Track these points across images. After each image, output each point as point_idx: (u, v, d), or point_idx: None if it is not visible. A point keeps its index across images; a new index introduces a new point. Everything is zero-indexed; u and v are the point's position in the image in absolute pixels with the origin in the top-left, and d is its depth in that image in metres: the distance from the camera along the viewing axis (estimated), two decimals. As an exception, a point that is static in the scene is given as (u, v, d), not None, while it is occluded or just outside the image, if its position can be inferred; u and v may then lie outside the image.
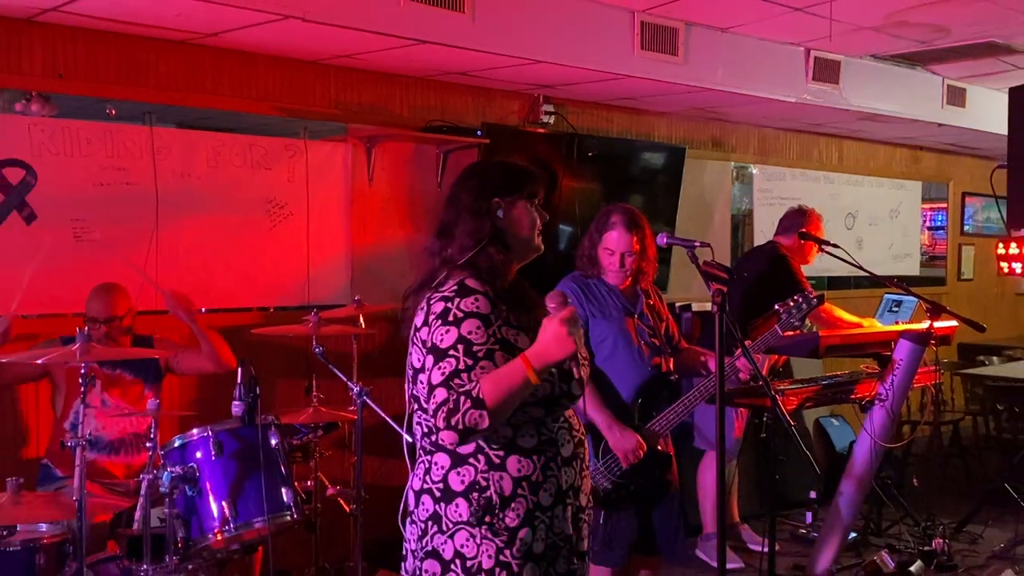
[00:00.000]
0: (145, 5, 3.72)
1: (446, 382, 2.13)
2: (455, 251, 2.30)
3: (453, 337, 2.16)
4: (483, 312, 2.20)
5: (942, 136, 7.53)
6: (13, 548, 3.04)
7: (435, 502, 2.24)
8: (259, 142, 4.74)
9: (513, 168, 2.44)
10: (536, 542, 2.22)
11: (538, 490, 2.23)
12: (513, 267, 2.36)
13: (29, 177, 4.07)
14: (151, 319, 4.24)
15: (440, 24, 4.22)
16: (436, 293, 2.24)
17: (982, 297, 8.93)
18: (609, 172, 5.76)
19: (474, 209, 2.32)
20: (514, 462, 2.22)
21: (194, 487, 3.27)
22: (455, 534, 2.22)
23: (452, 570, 2.22)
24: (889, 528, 5.38)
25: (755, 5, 4.77)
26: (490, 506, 2.20)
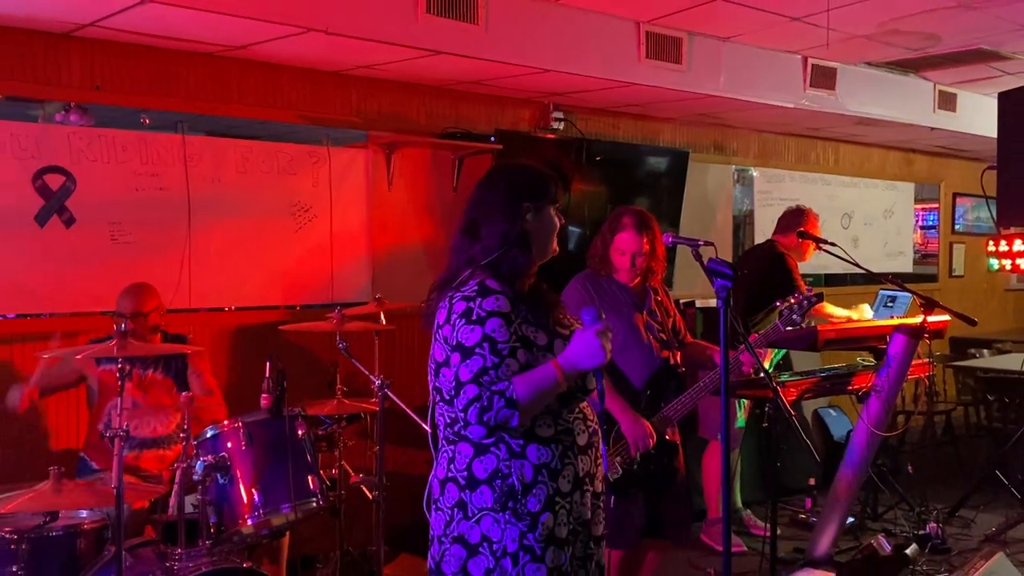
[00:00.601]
0: (177, 20, 3.73)
1: (476, 379, 2.14)
2: (479, 251, 2.30)
3: (478, 336, 2.17)
4: (504, 311, 2.20)
5: (934, 139, 7.50)
6: (56, 533, 3.05)
7: (460, 490, 2.24)
8: (284, 149, 4.75)
9: (540, 173, 2.41)
10: (558, 526, 2.23)
11: (557, 477, 2.24)
12: (533, 269, 2.35)
13: (68, 183, 4.09)
14: (183, 317, 4.26)
15: (455, 36, 4.23)
16: (458, 293, 2.24)
17: (972, 293, 8.88)
18: (616, 175, 5.75)
19: (505, 212, 2.31)
20: (533, 450, 2.22)
21: (225, 475, 3.27)
22: (481, 519, 2.22)
23: (479, 553, 2.22)
24: (885, 513, 5.37)
25: (755, 15, 4.75)
26: (513, 492, 2.20)
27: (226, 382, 4.41)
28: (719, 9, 4.62)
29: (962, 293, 8.62)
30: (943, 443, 6.70)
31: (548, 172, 2.43)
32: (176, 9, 3.54)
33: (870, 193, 7.98)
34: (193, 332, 4.16)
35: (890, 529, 5.06)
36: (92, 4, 3.51)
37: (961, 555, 4.68)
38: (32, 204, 4.01)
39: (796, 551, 4.74)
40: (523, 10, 4.43)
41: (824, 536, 4.57)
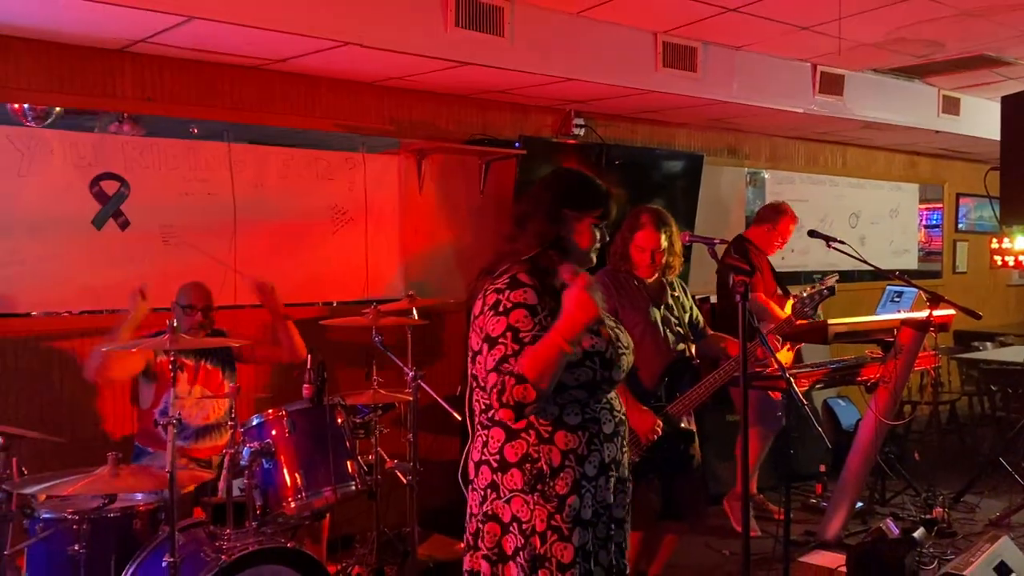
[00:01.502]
0: (222, 35, 3.75)
1: (497, 367, 2.15)
2: (523, 245, 2.30)
3: (503, 326, 2.17)
4: (530, 303, 2.20)
5: (938, 142, 7.41)
6: (113, 514, 3.08)
7: (492, 472, 2.26)
8: (323, 156, 4.77)
9: (591, 185, 2.37)
10: (584, 508, 2.23)
11: (583, 462, 2.24)
12: None
13: (123, 188, 4.13)
14: (229, 313, 4.29)
15: (482, 48, 4.22)
16: (491, 285, 2.25)
17: (975, 288, 8.75)
18: (634, 178, 5.72)
19: (547, 214, 2.31)
20: (561, 437, 2.23)
21: (270, 460, 3.31)
22: (511, 500, 2.23)
23: (510, 532, 2.23)
24: (893, 498, 5.32)
25: (766, 25, 4.72)
26: (541, 475, 2.21)
27: (269, 373, 4.45)
28: (732, 20, 4.59)
29: (965, 289, 8.50)
30: (948, 432, 6.63)
31: (600, 187, 2.38)
32: (221, 25, 3.56)
33: (876, 194, 7.90)
34: (239, 327, 4.18)
35: (898, 513, 5.01)
36: (143, 22, 3.53)
37: (966, 539, 4.62)
38: (90, 208, 4.05)
39: (807, 534, 4.71)
40: (546, 23, 4.42)
41: (834, 520, 4.53)
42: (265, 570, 2.96)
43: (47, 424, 3.28)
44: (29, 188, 3.89)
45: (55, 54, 3.85)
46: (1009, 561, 3.58)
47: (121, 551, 3.05)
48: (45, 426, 3.22)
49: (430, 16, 4.05)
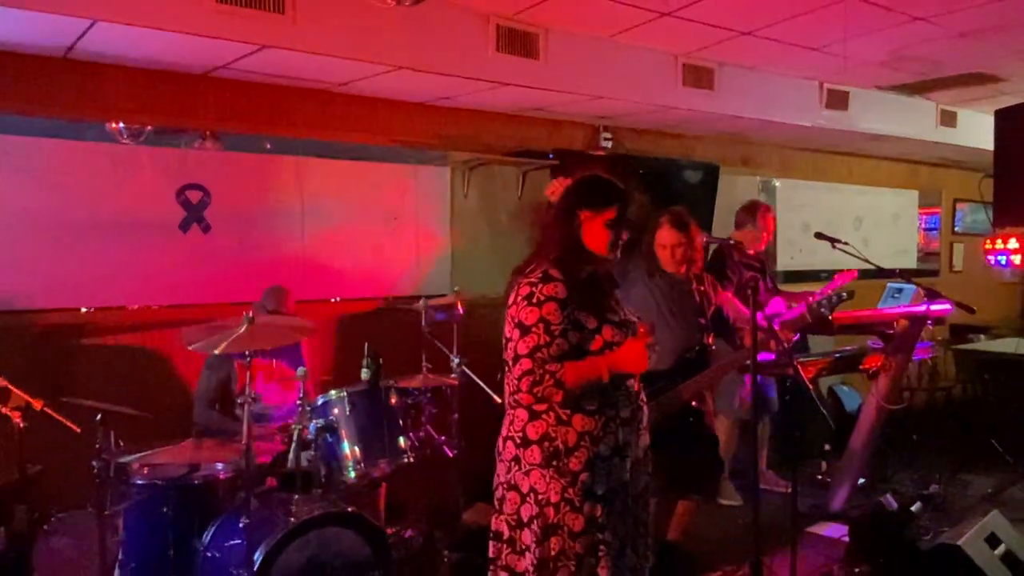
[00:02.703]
0: (290, 62, 3.78)
1: (531, 354, 2.15)
2: (549, 246, 2.32)
3: (535, 317, 2.18)
4: (560, 297, 2.20)
5: (936, 152, 7.24)
6: (197, 482, 3.13)
7: (516, 447, 2.27)
8: (379, 167, 4.80)
9: (604, 185, 2.37)
10: (596, 484, 2.22)
11: (598, 443, 2.23)
12: (586, 267, 2.33)
13: (205, 197, 4.19)
14: (298, 307, 4.28)
15: (520, 70, 4.22)
16: (525, 279, 2.26)
17: (971, 286, 8.52)
18: (657, 186, 5.64)
19: (563, 217, 2.32)
20: (579, 420, 2.22)
21: (333, 435, 3.34)
22: (530, 472, 2.23)
23: (527, 501, 2.24)
24: (892, 475, 5.21)
25: (777, 47, 4.65)
26: (557, 453, 2.21)
27: (333, 359, 4.49)
28: (746, 43, 4.53)
29: (961, 286, 8.28)
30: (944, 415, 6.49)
31: (618, 186, 2.37)
32: (289, 53, 3.60)
33: (879, 199, 7.74)
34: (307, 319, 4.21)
35: (896, 489, 4.91)
36: (222, 50, 3.58)
37: (960, 512, 4.52)
38: (176, 215, 4.12)
39: (814, 507, 4.64)
40: (577, 47, 4.40)
41: (838, 494, 4.47)
42: (328, 532, 2.99)
43: (138, 402, 3.34)
44: (124, 197, 3.96)
45: (147, 79, 3.90)
46: (999, 533, 3.50)
47: (203, 514, 3.09)
48: (136, 404, 3.27)
49: (474, 43, 4.06)
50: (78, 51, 3.56)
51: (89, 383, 3.70)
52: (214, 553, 2.99)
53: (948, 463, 5.31)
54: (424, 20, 3.84)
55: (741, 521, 4.47)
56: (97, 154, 3.94)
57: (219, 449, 3.13)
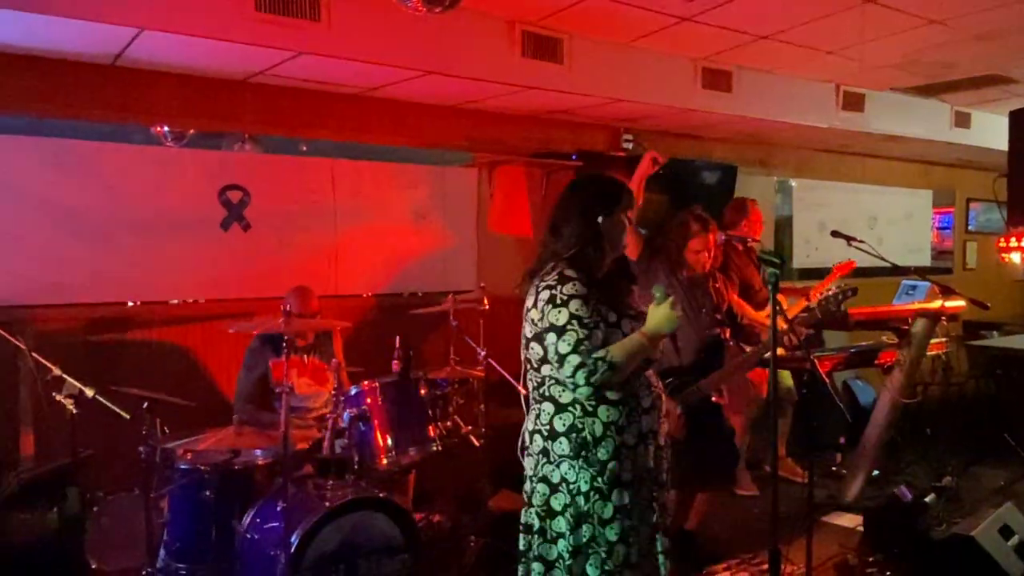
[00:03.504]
0: (325, 68, 3.80)
1: (575, 350, 2.14)
2: (562, 247, 2.30)
3: (566, 316, 2.17)
4: (581, 293, 2.20)
5: (950, 153, 7.12)
6: (237, 467, 3.19)
7: (544, 440, 2.26)
8: (408, 169, 4.81)
9: (613, 184, 2.38)
10: (623, 472, 2.22)
11: (623, 432, 2.23)
12: (605, 263, 2.33)
13: (245, 197, 4.22)
14: (332, 302, 4.33)
15: (545, 74, 4.21)
16: (542, 282, 2.25)
17: (983, 283, 8.39)
18: (676, 187, 5.62)
19: (583, 217, 2.31)
20: (604, 410, 2.22)
21: (366, 424, 3.35)
22: (560, 464, 2.23)
23: (559, 491, 2.23)
24: (906, 468, 5.14)
25: (794, 50, 4.60)
26: (585, 443, 2.20)
27: (364, 352, 4.50)
28: (764, 46, 4.48)
29: (974, 283, 8.16)
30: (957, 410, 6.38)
31: (620, 183, 2.40)
32: (324, 59, 3.62)
33: (893, 199, 7.63)
34: (340, 314, 4.24)
35: (910, 481, 4.84)
36: (260, 57, 3.60)
37: (973, 504, 4.45)
38: (218, 214, 4.15)
39: (829, 497, 4.60)
40: (600, 52, 4.39)
41: (853, 485, 4.43)
42: (361, 516, 3.02)
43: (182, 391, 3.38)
44: (169, 197, 4.00)
45: (189, 85, 3.93)
46: (1012, 524, 3.44)
47: (243, 497, 3.14)
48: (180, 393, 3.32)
49: (500, 48, 4.05)
50: (125, 58, 3.60)
51: (136, 373, 3.74)
52: (253, 535, 3.03)
53: (961, 456, 5.23)
54: (452, 26, 3.84)
55: (757, 511, 4.44)
56: (143, 156, 3.99)
57: (258, 436, 3.15)
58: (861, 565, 3.60)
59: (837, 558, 3.72)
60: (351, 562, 2.98)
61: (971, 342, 6.71)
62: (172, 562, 3.13)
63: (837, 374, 5.73)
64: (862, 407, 5.99)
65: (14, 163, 3.62)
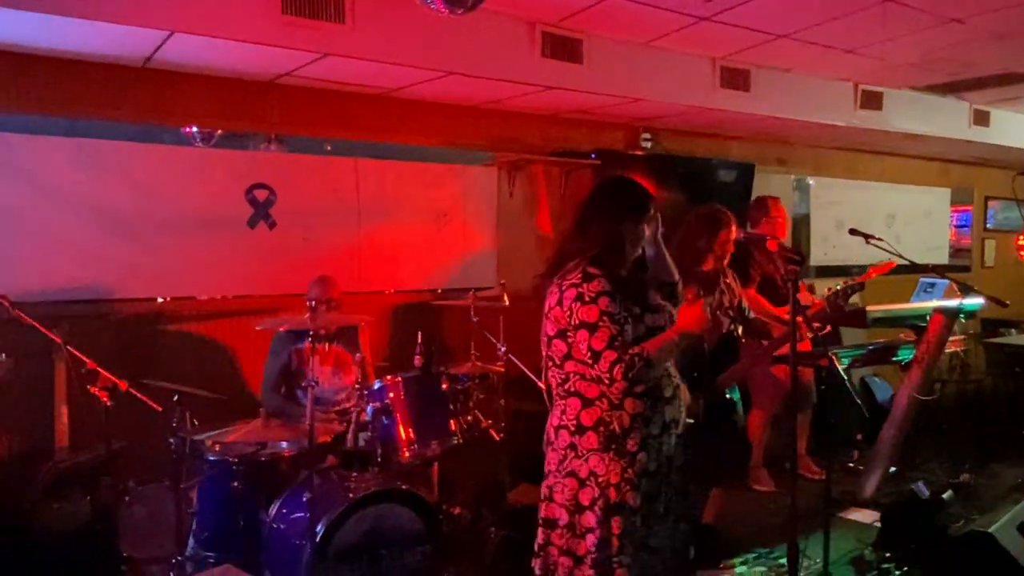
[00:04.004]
0: (349, 69, 3.82)
1: (610, 346, 2.14)
2: (588, 245, 2.29)
3: (596, 313, 2.16)
4: (607, 289, 2.20)
5: (968, 151, 7.01)
6: (264, 458, 3.20)
7: (571, 435, 2.25)
8: (430, 168, 4.81)
9: (643, 192, 2.37)
10: (650, 462, 2.23)
11: (649, 423, 2.23)
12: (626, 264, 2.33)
13: (271, 196, 4.23)
14: (356, 298, 4.34)
15: (564, 74, 4.19)
16: (565, 281, 2.23)
17: (1002, 281, 8.23)
18: (694, 185, 5.57)
19: (613, 219, 2.30)
20: (630, 403, 2.22)
21: (389, 418, 3.36)
22: (588, 458, 2.22)
23: (588, 485, 2.22)
24: (923, 464, 5.07)
25: (813, 49, 4.55)
26: (614, 436, 2.20)
27: (388, 347, 4.53)
28: (783, 45, 4.44)
29: (992, 281, 8.02)
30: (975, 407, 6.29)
31: (649, 192, 2.38)
32: (349, 60, 3.63)
33: (911, 197, 7.52)
34: (363, 310, 4.26)
35: (928, 478, 4.78)
36: (286, 59, 3.62)
37: (991, 501, 4.38)
38: (245, 212, 4.16)
39: (845, 493, 4.54)
40: (619, 52, 4.36)
41: (869, 482, 4.37)
42: (384, 507, 3.03)
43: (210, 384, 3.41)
44: (197, 196, 4.02)
45: (218, 87, 3.96)
46: (1031, 522, 3.39)
47: (270, 488, 3.16)
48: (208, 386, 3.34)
49: (521, 49, 4.04)
50: (156, 61, 3.64)
51: (166, 367, 3.79)
52: (279, 525, 3.05)
53: (978, 453, 5.14)
54: (474, 27, 3.84)
55: (773, 506, 4.39)
56: (173, 157, 4.01)
57: (284, 429, 3.17)
58: (878, 560, 3.56)
59: (854, 553, 3.68)
60: (374, 552, 3.00)
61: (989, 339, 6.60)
62: (201, 551, 3.16)
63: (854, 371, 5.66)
64: (879, 404, 5.92)
65: (50, 163, 3.67)
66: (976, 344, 6.57)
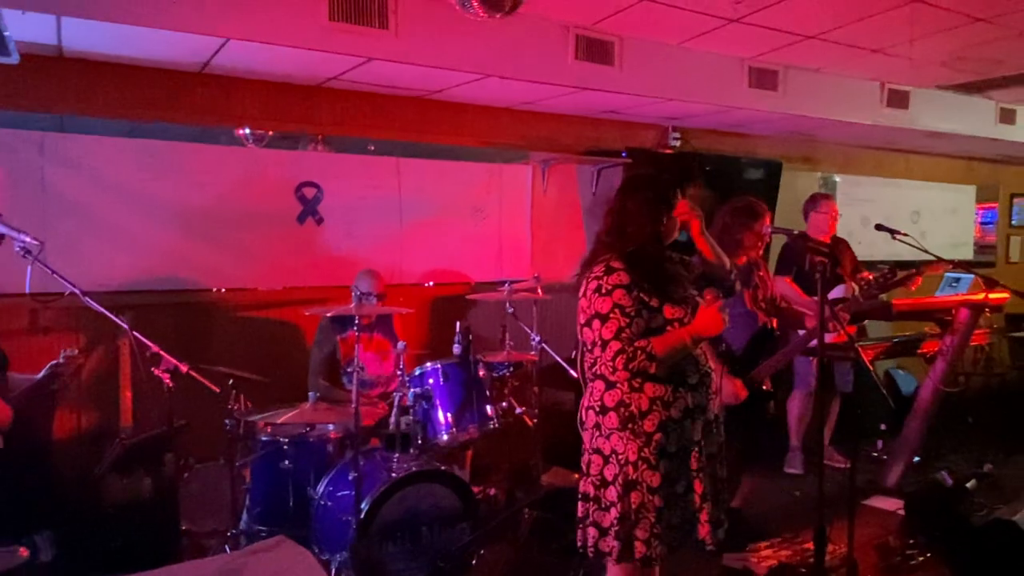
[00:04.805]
0: (391, 73, 3.84)
1: (617, 336, 2.16)
2: (623, 241, 2.30)
3: (609, 305, 2.18)
4: (624, 283, 2.21)
5: (994, 148, 6.81)
6: (312, 439, 3.25)
7: (596, 415, 2.28)
8: (467, 166, 4.83)
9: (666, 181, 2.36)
10: (669, 444, 2.22)
11: (669, 407, 2.23)
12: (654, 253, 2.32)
13: (319, 193, 4.29)
14: (398, 290, 4.39)
15: (597, 76, 4.17)
16: (591, 274, 2.26)
17: (1027, 277, 8.04)
18: (722, 182, 5.50)
19: (650, 216, 2.30)
20: (650, 387, 2.22)
21: (428, 403, 3.39)
22: (610, 436, 2.24)
23: (610, 461, 2.24)
24: (947, 455, 4.96)
25: (840, 50, 4.46)
26: (632, 417, 2.21)
27: (427, 335, 4.57)
28: (811, 46, 4.36)
29: (1017, 277, 7.79)
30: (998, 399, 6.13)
31: (673, 181, 2.37)
32: (392, 64, 3.66)
33: (936, 194, 7.34)
34: (404, 301, 4.30)
35: (951, 468, 4.67)
36: (332, 63, 3.66)
37: (1014, 491, 4.27)
38: (294, 209, 4.23)
39: (869, 482, 4.47)
40: (650, 53, 4.33)
41: (894, 471, 4.30)
42: (424, 487, 3.07)
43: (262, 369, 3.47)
44: (250, 194, 4.08)
45: (269, 91, 4.02)
46: (1055, 512, 3.30)
47: (318, 467, 3.21)
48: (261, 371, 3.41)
49: (555, 51, 4.04)
50: (213, 66, 3.71)
51: (222, 352, 3.86)
52: (327, 502, 3.10)
53: (1002, 445, 5.02)
54: (510, 31, 3.84)
55: (798, 494, 4.35)
56: (228, 156, 4.08)
57: (330, 412, 3.22)
58: (901, 547, 3.50)
59: (878, 539, 3.62)
60: (415, 528, 3.04)
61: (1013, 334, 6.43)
62: (254, 524, 3.22)
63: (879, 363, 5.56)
64: (904, 396, 5.81)
65: (114, 163, 3.76)
66: (1001, 338, 6.41)
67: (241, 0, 3.21)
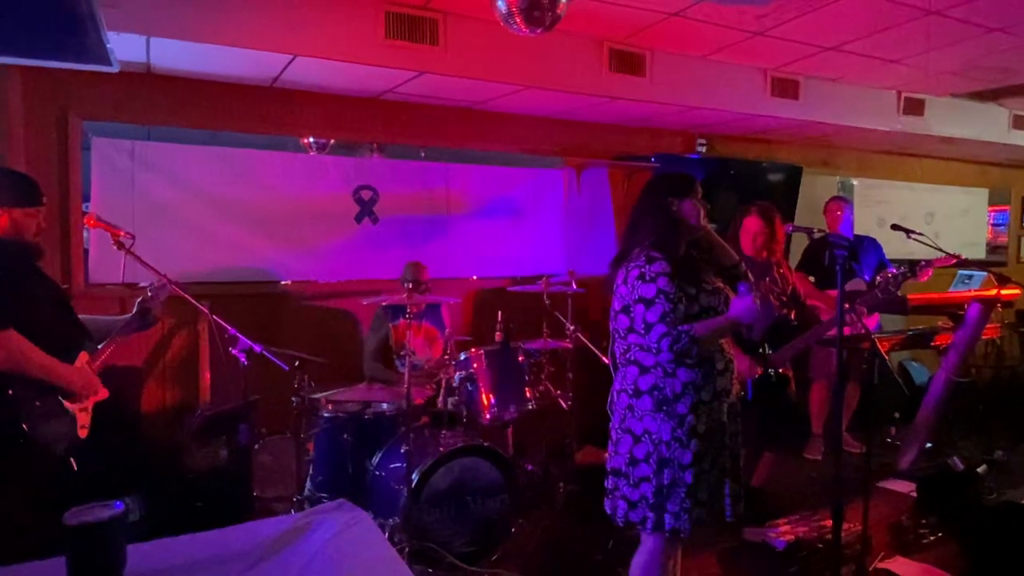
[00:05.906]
0: (441, 86, 3.85)
1: (662, 320, 2.15)
2: (642, 237, 2.29)
3: (654, 291, 2.16)
4: (667, 271, 2.19)
5: (1007, 153, 6.57)
6: (368, 416, 3.29)
7: (629, 397, 2.26)
8: (508, 171, 4.83)
9: (683, 177, 2.36)
10: (699, 425, 2.21)
11: (700, 390, 2.21)
12: (683, 242, 2.30)
13: (374, 195, 4.34)
14: (445, 282, 4.40)
15: (629, 86, 4.15)
16: (632, 263, 2.24)
17: (1038, 276, 7.73)
18: (745, 186, 5.43)
19: (656, 207, 2.29)
20: (682, 372, 2.20)
21: (473, 385, 3.40)
22: (643, 418, 2.23)
23: (642, 440, 2.23)
24: (958, 441, 4.82)
25: (858, 60, 4.35)
26: (666, 400, 2.19)
27: (471, 324, 4.59)
28: (830, 57, 4.27)
29: (1028, 275, 7.53)
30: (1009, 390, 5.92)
31: (688, 175, 2.36)
32: (442, 78, 3.68)
33: (950, 197, 7.11)
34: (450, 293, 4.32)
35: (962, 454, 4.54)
36: (387, 78, 3.69)
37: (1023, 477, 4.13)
38: (352, 210, 4.28)
39: (883, 465, 4.36)
40: (678, 65, 4.28)
41: (907, 455, 4.19)
42: (469, 460, 3.10)
43: (324, 352, 3.53)
44: (313, 196, 4.15)
45: (329, 103, 4.06)
46: (1064, 496, 3.18)
47: (373, 442, 3.25)
48: (323, 353, 3.46)
49: (591, 64, 4.02)
50: (281, 81, 3.78)
51: (288, 336, 3.93)
52: (381, 473, 3.14)
53: (1012, 433, 4.85)
54: (549, 46, 3.83)
55: (815, 474, 4.27)
56: (294, 162, 4.16)
57: (385, 391, 3.26)
58: (914, 526, 3.41)
59: (892, 519, 3.54)
60: (460, 498, 3.07)
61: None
62: (316, 492, 3.28)
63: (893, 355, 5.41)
64: (917, 386, 5.65)
65: (195, 168, 3.86)
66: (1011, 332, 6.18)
67: (307, 20, 3.26)
